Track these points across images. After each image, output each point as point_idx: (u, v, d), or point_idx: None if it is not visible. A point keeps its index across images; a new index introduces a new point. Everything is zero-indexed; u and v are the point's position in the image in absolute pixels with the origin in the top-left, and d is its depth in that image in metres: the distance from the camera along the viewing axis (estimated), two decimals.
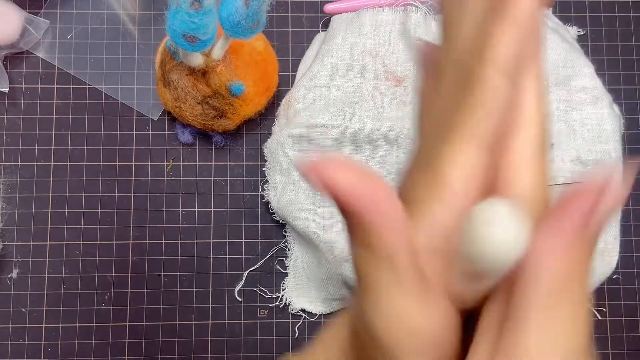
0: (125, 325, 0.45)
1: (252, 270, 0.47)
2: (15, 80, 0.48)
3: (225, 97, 0.43)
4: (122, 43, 0.49)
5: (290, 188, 0.45)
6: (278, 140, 0.45)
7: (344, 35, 0.45)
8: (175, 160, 0.48)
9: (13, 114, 0.47)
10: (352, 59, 0.45)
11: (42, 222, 0.46)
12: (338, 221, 0.44)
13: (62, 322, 0.45)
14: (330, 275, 0.45)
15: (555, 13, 0.49)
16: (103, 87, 0.48)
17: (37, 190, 0.46)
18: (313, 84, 0.45)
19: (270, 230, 0.47)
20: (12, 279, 0.46)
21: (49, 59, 0.48)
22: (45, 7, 0.49)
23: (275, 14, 0.49)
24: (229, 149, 0.48)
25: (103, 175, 0.47)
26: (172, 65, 0.43)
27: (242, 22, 0.37)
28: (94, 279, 0.46)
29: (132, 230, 0.46)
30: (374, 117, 0.44)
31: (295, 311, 0.46)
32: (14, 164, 0.47)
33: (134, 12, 0.49)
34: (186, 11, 0.35)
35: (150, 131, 0.48)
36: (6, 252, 0.46)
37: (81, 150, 0.47)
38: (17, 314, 0.45)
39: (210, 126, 0.45)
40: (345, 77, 0.45)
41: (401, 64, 0.45)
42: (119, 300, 0.46)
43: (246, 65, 0.44)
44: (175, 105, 0.44)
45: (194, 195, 0.47)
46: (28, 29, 0.47)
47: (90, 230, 0.46)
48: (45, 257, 0.46)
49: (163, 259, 0.46)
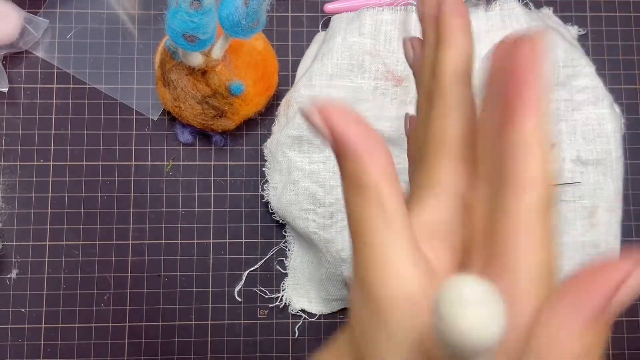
0: (125, 326, 0.45)
1: (252, 270, 0.46)
2: (14, 80, 0.47)
3: (225, 96, 0.43)
4: (122, 43, 0.49)
5: (290, 188, 0.45)
6: (278, 140, 0.45)
7: (344, 34, 0.45)
8: (174, 160, 0.47)
9: (12, 113, 0.47)
10: (352, 58, 0.45)
11: (41, 222, 0.46)
12: (338, 221, 0.44)
13: (62, 322, 0.45)
14: (330, 275, 0.44)
15: (555, 12, 0.49)
16: (102, 87, 0.48)
17: (36, 190, 0.46)
18: (313, 84, 0.45)
19: (270, 230, 0.47)
20: (12, 279, 0.45)
21: (48, 58, 0.48)
22: (44, 6, 0.48)
23: (275, 14, 0.49)
24: (228, 149, 0.48)
25: (102, 175, 0.47)
26: (172, 65, 0.43)
27: (242, 21, 0.37)
28: (93, 279, 0.46)
29: (132, 231, 0.46)
30: (374, 117, 0.44)
31: (295, 311, 0.46)
32: (13, 163, 0.47)
33: (133, 11, 0.49)
34: (186, 11, 0.35)
35: (149, 131, 0.48)
36: (5, 252, 0.46)
37: (80, 150, 0.47)
38: (16, 314, 0.45)
39: (210, 126, 0.45)
40: (346, 77, 0.45)
41: (401, 64, 0.45)
42: (118, 301, 0.46)
43: (246, 64, 0.44)
44: (174, 105, 0.44)
45: (193, 195, 0.47)
46: (27, 29, 0.47)
47: (90, 230, 0.46)
48: (45, 257, 0.46)
49: (163, 259, 0.46)
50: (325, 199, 0.44)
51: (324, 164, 0.45)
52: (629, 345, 0.47)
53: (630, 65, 0.50)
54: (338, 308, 0.46)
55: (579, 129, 0.45)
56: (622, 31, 0.50)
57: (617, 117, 0.45)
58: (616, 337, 0.47)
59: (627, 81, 0.50)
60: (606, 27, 0.50)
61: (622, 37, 0.50)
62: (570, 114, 0.45)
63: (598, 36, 0.50)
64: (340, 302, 0.46)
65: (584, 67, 0.45)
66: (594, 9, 0.50)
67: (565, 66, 0.45)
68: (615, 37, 0.50)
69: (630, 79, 0.50)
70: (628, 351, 0.47)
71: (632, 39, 0.50)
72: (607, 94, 0.45)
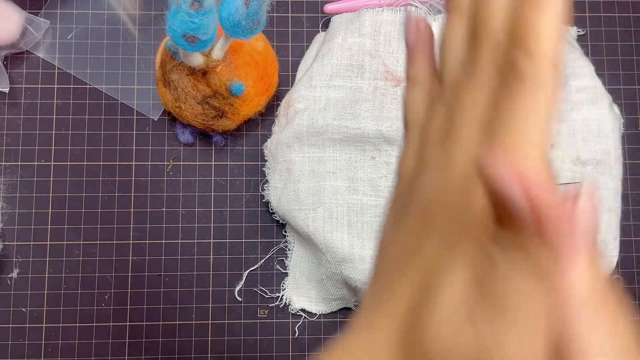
0: (126, 325, 0.46)
1: (252, 270, 0.47)
2: (15, 80, 0.48)
3: (225, 97, 0.43)
4: (123, 43, 0.49)
5: (290, 188, 0.45)
6: (278, 140, 0.45)
7: (344, 35, 0.45)
8: (175, 160, 0.48)
9: (13, 114, 0.47)
10: (352, 59, 0.45)
11: (42, 222, 0.46)
12: (338, 221, 0.44)
13: (63, 322, 0.45)
14: (330, 275, 0.45)
15: None
16: (103, 87, 0.48)
17: (37, 190, 0.46)
18: (313, 84, 0.45)
19: (270, 230, 0.47)
20: (13, 278, 0.46)
21: (49, 59, 0.48)
22: (45, 7, 0.49)
23: (275, 14, 0.49)
24: (229, 149, 0.48)
25: (103, 175, 0.47)
26: (172, 65, 0.43)
27: (242, 22, 0.37)
28: (94, 279, 0.46)
29: (132, 230, 0.46)
30: (374, 117, 0.44)
31: (295, 311, 0.46)
32: (14, 164, 0.47)
33: (134, 12, 0.49)
34: (186, 11, 0.35)
35: (150, 131, 0.48)
36: (6, 252, 0.46)
37: (81, 150, 0.47)
38: (17, 313, 0.45)
39: (210, 126, 0.45)
40: (345, 77, 0.45)
41: (401, 64, 0.45)
42: (119, 300, 0.46)
43: (246, 65, 0.44)
44: (175, 105, 0.44)
45: (194, 195, 0.47)
46: (28, 29, 0.47)
47: (91, 230, 0.46)
48: (46, 257, 0.46)
49: (163, 258, 0.46)
50: (325, 199, 0.44)
51: (324, 164, 0.45)
52: None
53: (629, 66, 0.50)
54: (338, 307, 0.46)
55: (578, 129, 0.45)
56: (621, 32, 0.50)
57: (616, 117, 0.45)
58: None
59: (626, 81, 0.50)
60: (605, 27, 0.50)
61: (621, 38, 0.50)
62: (569, 114, 0.45)
63: (597, 36, 0.50)
64: (340, 302, 0.46)
65: (583, 67, 0.45)
66: (593, 10, 0.51)
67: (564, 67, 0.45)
68: (615, 38, 0.50)
69: (629, 79, 0.50)
70: None
71: (631, 39, 0.50)
72: (607, 94, 0.45)
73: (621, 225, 0.45)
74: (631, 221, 0.48)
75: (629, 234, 0.48)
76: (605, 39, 0.50)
